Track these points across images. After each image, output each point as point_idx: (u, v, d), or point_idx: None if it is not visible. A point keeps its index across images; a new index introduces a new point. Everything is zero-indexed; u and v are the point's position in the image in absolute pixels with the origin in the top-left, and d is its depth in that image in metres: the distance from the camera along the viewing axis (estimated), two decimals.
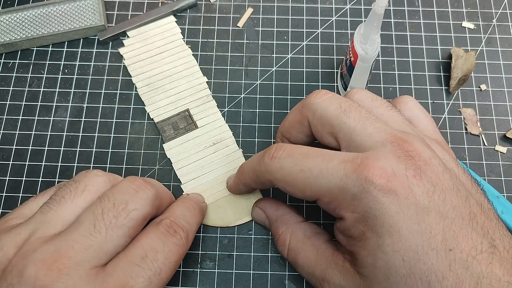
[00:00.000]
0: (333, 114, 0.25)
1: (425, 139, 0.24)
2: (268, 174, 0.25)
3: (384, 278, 0.21)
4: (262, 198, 0.31)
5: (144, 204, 0.24)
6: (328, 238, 0.27)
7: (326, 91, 0.26)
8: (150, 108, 0.34)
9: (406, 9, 0.38)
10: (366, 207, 0.21)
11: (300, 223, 0.28)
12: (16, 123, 0.34)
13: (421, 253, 0.20)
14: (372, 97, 0.27)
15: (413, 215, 0.21)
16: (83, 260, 0.21)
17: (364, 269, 0.22)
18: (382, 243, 0.21)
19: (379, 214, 0.21)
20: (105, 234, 0.22)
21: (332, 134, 0.25)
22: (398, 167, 0.21)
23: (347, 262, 0.24)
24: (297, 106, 0.28)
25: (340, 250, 0.25)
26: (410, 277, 0.20)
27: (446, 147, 0.26)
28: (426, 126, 0.27)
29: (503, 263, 0.20)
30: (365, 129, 0.23)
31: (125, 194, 0.24)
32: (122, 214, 0.23)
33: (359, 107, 0.25)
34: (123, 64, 0.36)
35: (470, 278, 0.19)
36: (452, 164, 0.24)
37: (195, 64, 0.36)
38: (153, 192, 0.25)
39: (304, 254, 0.26)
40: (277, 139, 0.30)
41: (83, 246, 0.22)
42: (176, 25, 0.37)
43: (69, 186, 0.24)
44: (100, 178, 0.25)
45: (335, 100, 0.25)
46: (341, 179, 0.22)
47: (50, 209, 0.23)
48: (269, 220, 0.29)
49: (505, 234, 0.21)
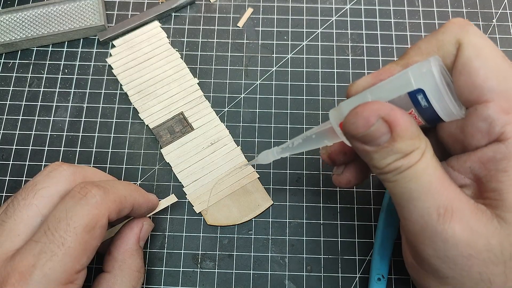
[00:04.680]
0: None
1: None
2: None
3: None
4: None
5: (55, 181, 0.24)
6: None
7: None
8: (144, 115, 0.34)
9: (406, 9, 0.38)
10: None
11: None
12: (16, 123, 0.34)
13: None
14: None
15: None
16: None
17: (509, 214, 0.19)
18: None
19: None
20: (14, 217, 0.22)
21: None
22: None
23: (481, 203, 0.20)
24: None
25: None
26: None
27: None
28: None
29: None
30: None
31: (37, 177, 0.24)
32: (30, 194, 0.23)
33: None
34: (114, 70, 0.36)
35: None
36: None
37: (184, 66, 0.35)
38: (68, 170, 0.24)
39: (431, 171, 0.20)
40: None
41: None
42: (161, 30, 0.37)
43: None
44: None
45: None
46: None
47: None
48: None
49: None
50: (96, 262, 0.30)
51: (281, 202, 0.32)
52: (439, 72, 0.20)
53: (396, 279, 0.30)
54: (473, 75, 0.20)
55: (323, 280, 0.30)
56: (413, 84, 0.20)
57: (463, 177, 0.21)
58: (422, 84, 0.20)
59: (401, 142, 0.19)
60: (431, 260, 0.21)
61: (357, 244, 0.31)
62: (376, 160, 0.20)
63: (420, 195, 0.20)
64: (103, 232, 0.23)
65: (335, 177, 0.27)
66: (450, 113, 0.20)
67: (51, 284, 0.20)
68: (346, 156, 0.26)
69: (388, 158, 0.20)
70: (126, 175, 0.33)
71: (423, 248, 0.21)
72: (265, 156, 0.28)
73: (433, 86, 0.20)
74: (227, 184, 0.32)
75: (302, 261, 0.31)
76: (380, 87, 0.22)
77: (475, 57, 0.20)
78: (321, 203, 0.32)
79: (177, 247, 0.31)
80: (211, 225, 0.31)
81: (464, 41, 0.21)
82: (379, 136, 0.20)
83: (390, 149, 0.20)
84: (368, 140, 0.20)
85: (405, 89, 0.20)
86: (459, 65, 0.21)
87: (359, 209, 0.32)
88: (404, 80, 0.20)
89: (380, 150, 0.20)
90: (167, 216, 0.32)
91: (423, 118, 0.21)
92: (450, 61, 0.21)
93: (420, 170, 0.20)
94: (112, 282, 0.25)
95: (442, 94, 0.20)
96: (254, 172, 0.32)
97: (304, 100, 0.35)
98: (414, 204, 0.20)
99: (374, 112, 0.20)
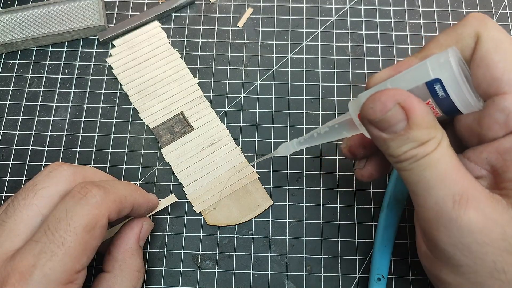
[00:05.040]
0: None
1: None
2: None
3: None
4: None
5: (56, 181, 0.24)
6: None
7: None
8: (144, 115, 0.34)
9: (406, 9, 0.38)
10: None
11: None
12: (16, 123, 0.34)
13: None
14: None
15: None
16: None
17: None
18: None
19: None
20: (15, 217, 0.22)
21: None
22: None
23: (497, 193, 0.20)
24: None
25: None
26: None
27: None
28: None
29: None
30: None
31: (37, 177, 0.24)
32: (30, 194, 0.23)
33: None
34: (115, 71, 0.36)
35: None
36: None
37: (184, 67, 0.35)
38: (69, 170, 0.24)
39: (447, 160, 0.20)
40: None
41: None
42: (161, 30, 0.37)
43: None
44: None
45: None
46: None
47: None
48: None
49: None
50: (96, 262, 0.30)
51: (281, 202, 0.32)
52: (457, 62, 0.20)
53: (396, 279, 0.30)
54: (491, 68, 0.20)
55: (323, 280, 0.30)
56: (431, 74, 0.20)
57: (479, 168, 0.22)
58: (440, 73, 0.20)
59: (417, 130, 0.20)
60: (446, 247, 0.21)
61: (357, 244, 0.31)
62: (392, 149, 0.21)
63: (436, 183, 0.20)
64: (103, 232, 0.23)
65: (357, 171, 0.27)
66: (468, 104, 0.20)
67: (51, 284, 0.20)
68: (366, 150, 0.26)
69: (404, 146, 0.20)
70: (126, 175, 0.33)
71: (438, 235, 0.21)
72: (284, 148, 0.28)
73: (450, 76, 0.20)
74: (227, 184, 0.32)
75: (302, 261, 0.31)
76: (399, 78, 0.22)
77: (493, 50, 0.20)
78: (321, 203, 0.32)
79: (177, 247, 0.31)
80: (211, 225, 0.31)
81: (483, 34, 0.21)
82: (395, 122, 0.20)
83: (406, 137, 0.20)
84: (385, 126, 0.20)
85: (423, 79, 0.20)
86: (477, 58, 0.21)
87: (359, 209, 0.32)
88: (422, 70, 0.21)
89: (397, 138, 0.20)
90: (167, 216, 0.32)
91: (441, 109, 0.21)
92: (468, 54, 0.22)
93: (436, 159, 0.20)
94: (112, 282, 0.25)
95: (460, 84, 0.20)
96: (254, 172, 0.32)
97: (304, 100, 0.35)
98: (429, 192, 0.20)
99: (391, 97, 0.20)
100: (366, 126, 0.22)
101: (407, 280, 0.30)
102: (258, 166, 0.33)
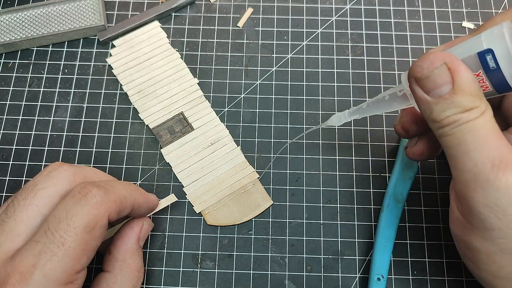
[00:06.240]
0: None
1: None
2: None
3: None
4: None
5: (56, 182, 0.24)
6: None
7: None
8: (144, 115, 0.34)
9: (406, 9, 0.38)
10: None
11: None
12: (16, 123, 0.34)
13: None
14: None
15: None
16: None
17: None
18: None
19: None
20: (15, 217, 0.22)
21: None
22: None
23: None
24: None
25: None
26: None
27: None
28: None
29: None
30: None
31: (37, 177, 0.24)
32: (30, 194, 0.23)
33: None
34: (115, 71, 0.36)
35: None
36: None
37: (184, 67, 0.35)
38: (69, 170, 0.24)
39: (489, 127, 0.21)
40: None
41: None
42: (161, 30, 0.37)
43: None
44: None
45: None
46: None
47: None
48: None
49: None
50: (96, 262, 0.30)
51: (281, 202, 0.32)
52: (511, 34, 0.20)
53: (396, 279, 0.30)
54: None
55: (323, 280, 0.30)
56: (484, 44, 0.20)
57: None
58: (492, 44, 0.20)
59: (461, 96, 0.20)
60: (480, 209, 0.21)
61: (357, 244, 0.31)
62: (436, 113, 0.21)
63: (476, 147, 0.20)
64: (103, 232, 0.23)
65: (408, 149, 0.28)
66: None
67: (51, 284, 0.20)
68: (418, 126, 0.27)
69: (448, 111, 0.21)
70: (126, 175, 0.33)
71: (473, 196, 0.21)
72: (337, 118, 0.29)
73: (502, 47, 0.20)
74: (227, 184, 0.32)
75: (302, 261, 0.31)
76: (452, 50, 0.22)
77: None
78: (321, 203, 0.32)
79: (177, 247, 0.31)
80: (211, 225, 0.31)
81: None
82: (440, 83, 0.20)
83: (450, 101, 0.20)
84: (430, 86, 0.21)
85: (475, 49, 0.21)
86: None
87: (359, 209, 0.32)
88: (476, 42, 0.21)
89: (441, 101, 0.21)
90: (167, 216, 0.32)
91: (491, 82, 0.21)
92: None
93: (478, 125, 0.20)
94: (112, 281, 0.25)
95: (511, 56, 0.20)
96: (254, 172, 0.32)
97: (304, 100, 0.35)
98: (469, 155, 0.21)
99: (440, 57, 0.21)
100: (412, 86, 0.22)
101: (407, 280, 0.30)
102: (258, 166, 0.33)
